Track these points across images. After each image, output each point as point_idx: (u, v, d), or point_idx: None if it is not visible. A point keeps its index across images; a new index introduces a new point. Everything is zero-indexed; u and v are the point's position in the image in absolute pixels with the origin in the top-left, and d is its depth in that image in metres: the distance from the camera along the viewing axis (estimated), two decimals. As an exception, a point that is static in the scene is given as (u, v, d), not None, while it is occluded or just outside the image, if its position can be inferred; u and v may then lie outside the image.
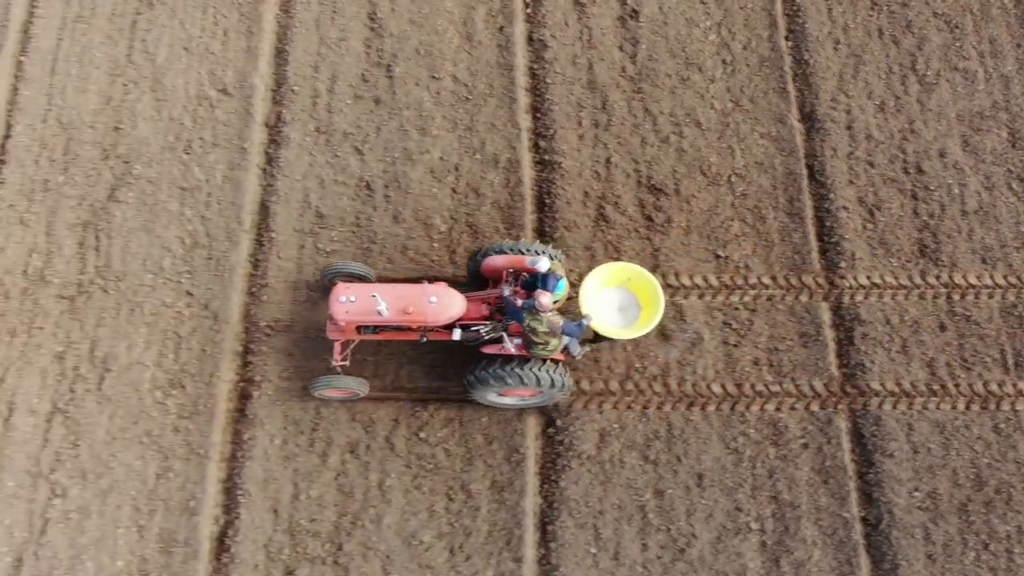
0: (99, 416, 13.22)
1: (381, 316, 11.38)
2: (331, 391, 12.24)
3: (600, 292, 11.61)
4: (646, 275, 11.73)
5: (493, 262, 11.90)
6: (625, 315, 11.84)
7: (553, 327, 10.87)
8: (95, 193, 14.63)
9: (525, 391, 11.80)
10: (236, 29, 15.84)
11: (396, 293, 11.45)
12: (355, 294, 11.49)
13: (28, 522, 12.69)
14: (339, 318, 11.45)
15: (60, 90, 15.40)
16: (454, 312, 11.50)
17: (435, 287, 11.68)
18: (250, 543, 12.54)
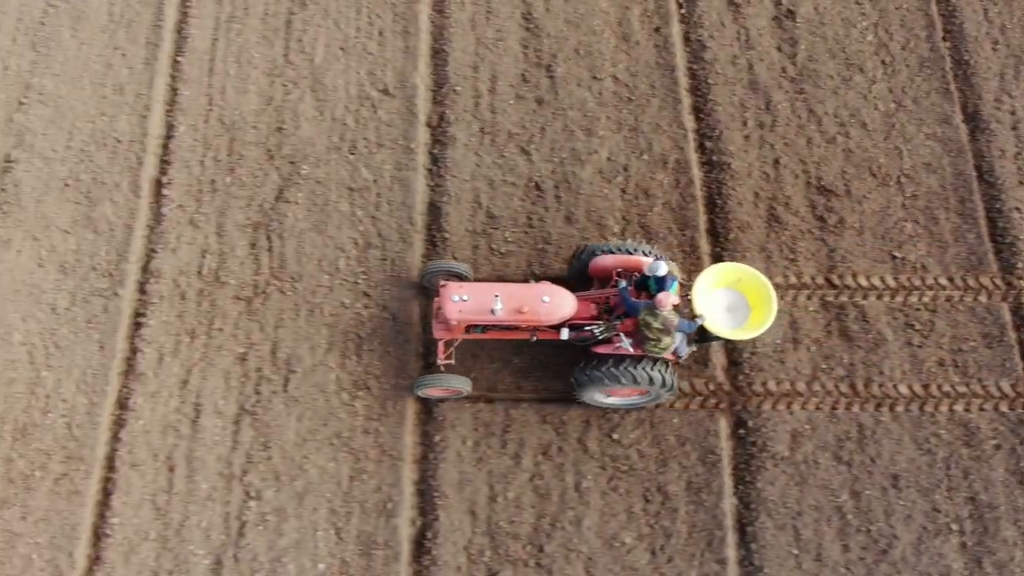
0: (287, 418, 13.24)
1: (494, 315, 11.47)
2: (435, 390, 12.44)
3: (710, 292, 11.79)
4: (758, 276, 11.96)
5: (602, 261, 12.16)
6: (734, 316, 12.14)
7: (668, 324, 11.15)
8: (263, 194, 14.65)
9: (632, 391, 12.09)
10: (392, 29, 15.89)
11: (509, 292, 11.59)
12: (468, 293, 11.55)
13: (224, 525, 12.67)
14: (452, 317, 11.59)
15: (219, 90, 15.42)
16: (565, 312, 11.67)
17: (548, 287, 11.78)
18: (450, 545, 12.58)
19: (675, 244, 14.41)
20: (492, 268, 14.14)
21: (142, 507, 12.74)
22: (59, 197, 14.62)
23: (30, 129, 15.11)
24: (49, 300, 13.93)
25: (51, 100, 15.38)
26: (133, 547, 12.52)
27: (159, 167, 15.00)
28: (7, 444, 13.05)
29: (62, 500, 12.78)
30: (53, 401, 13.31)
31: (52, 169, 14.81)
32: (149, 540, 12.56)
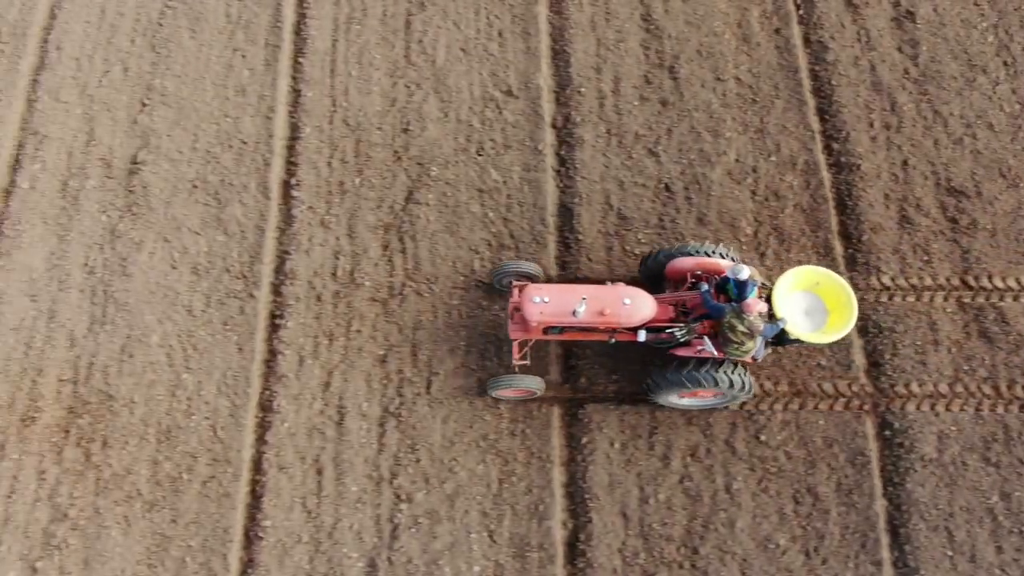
0: (432, 420, 13.31)
1: (576, 317, 11.52)
2: (510, 391, 12.55)
3: (788, 295, 11.86)
4: (837, 279, 11.99)
5: (680, 264, 12.16)
6: (812, 319, 12.18)
7: (754, 329, 11.17)
8: (392, 195, 14.74)
9: (708, 393, 12.19)
10: (511, 30, 15.97)
11: (592, 294, 11.61)
12: (549, 295, 11.60)
13: (376, 527, 12.71)
14: (534, 319, 11.63)
15: (343, 91, 15.49)
16: (645, 314, 11.70)
17: (629, 289, 11.81)
18: (604, 547, 12.66)
19: (809, 246, 14.47)
20: (627, 269, 14.19)
21: (293, 510, 12.74)
22: (188, 199, 14.65)
23: (155, 131, 15.14)
24: (184, 302, 13.95)
25: (173, 101, 15.40)
26: (286, 550, 12.52)
27: (286, 168, 14.86)
28: (152, 446, 13.05)
29: (212, 503, 12.79)
30: (195, 403, 13.31)
31: (179, 171, 14.85)
32: (302, 543, 12.58)
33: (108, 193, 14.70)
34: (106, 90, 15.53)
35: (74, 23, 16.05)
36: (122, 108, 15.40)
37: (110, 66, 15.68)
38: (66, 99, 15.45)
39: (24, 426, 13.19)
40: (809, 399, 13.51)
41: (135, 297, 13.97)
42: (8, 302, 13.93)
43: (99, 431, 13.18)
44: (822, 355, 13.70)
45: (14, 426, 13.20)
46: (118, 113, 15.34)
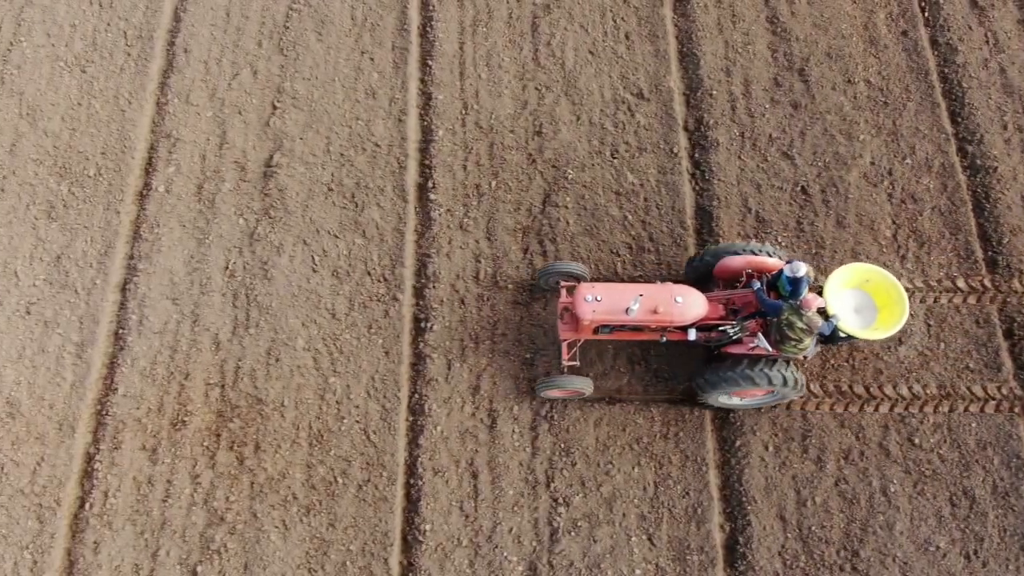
0: (585, 424, 13.42)
1: (629, 316, 11.60)
2: (558, 391, 12.65)
3: (839, 293, 12.09)
4: (887, 277, 12.20)
5: (730, 263, 12.30)
6: (862, 316, 12.41)
7: (812, 325, 11.31)
8: (530, 198, 14.82)
9: (757, 391, 12.29)
10: (638, 33, 16.07)
11: (645, 293, 11.73)
12: (601, 293, 11.69)
13: (535, 531, 12.76)
14: (586, 318, 11.76)
15: (473, 94, 15.60)
16: (696, 312, 11.87)
17: (679, 287, 11.94)
18: (764, 551, 12.71)
19: (948, 249, 14.58)
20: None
21: (451, 513, 12.84)
22: (324, 202, 14.74)
23: (287, 134, 15.24)
24: (327, 305, 14.04)
25: (304, 104, 15.50)
26: (446, 553, 12.60)
27: (420, 171, 14.94)
28: (304, 450, 13.13)
29: (369, 507, 12.88)
30: (345, 407, 13.39)
31: (314, 174, 14.94)
32: (461, 546, 12.66)
33: (244, 196, 14.76)
34: (236, 93, 15.60)
35: (200, 26, 16.12)
36: (253, 111, 15.45)
37: (239, 69, 15.75)
38: (196, 102, 15.53)
39: (175, 430, 13.26)
40: (959, 402, 13.57)
41: (278, 300, 14.02)
42: (151, 306, 14.02)
43: (251, 435, 13.23)
44: (970, 358, 13.79)
45: (165, 430, 13.27)
46: (249, 116, 15.40)
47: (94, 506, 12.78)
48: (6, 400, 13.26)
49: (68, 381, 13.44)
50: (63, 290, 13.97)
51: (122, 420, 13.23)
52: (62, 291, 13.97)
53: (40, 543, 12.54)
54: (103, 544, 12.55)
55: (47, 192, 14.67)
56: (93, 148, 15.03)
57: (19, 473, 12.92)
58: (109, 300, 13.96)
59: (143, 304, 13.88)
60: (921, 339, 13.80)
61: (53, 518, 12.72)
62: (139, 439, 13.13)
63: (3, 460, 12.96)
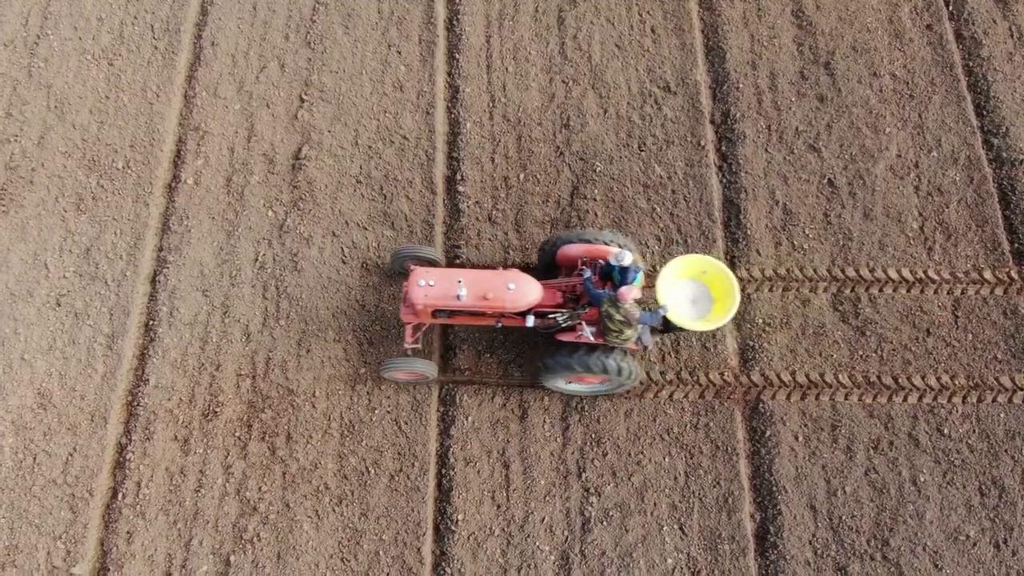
0: (615, 415, 13.51)
1: (460, 301, 11.72)
2: (401, 373, 12.63)
3: (675, 284, 12.29)
4: (722, 269, 12.31)
5: (569, 250, 12.30)
6: (698, 307, 12.58)
7: (630, 317, 11.32)
8: (558, 191, 14.90)
9: (594, 379, 12.31)
10: (664, 27, 16.21)
11: (475, 279, 11.84)
12: (435, 278, 11.82)
13: (567, 520, 12.88)
14: (418, 302, 11.85)
15: (500, 87, 15.73)
16: (531, 299, 11.95)
17: (513, 274, 11.93)
18: (795, 540, 12.82)
19: (975, 241, 14.69)
20: (795, 262, 14.36)
21: (483, 503, 12.95)
22: (353, 194, 14.88)
23: (315, 127, 15.37)
24: (357, 297, 14.21)
25: (332, 97, 15.63)
26: (479, 543, 12.71)
27: (448, 164, 15.07)
28: (336, 440, 13.28)
29: (401, 497, 12.99)
30: (376, 398, 13.54)
31: (342, 166, 15.08)
32: (494, 536, 12.76)
33: (273, 188, 14.90)
34: (264, 86, 15.73)
35: (227, 20, 16.26)
36: (281, 104, 15.59)
37: (266, 62, 15.90)
38: (224, 95, 15.66)
39: (206, 420, 13.39)
40: (987, 392, 13.67)
41: (308, 292, 14.15)
42: (181, 297, 14.14)
43: (282, 425, 13.36)
44: (997, 348, 13.94)
45: (196, 420, 13.40)
46: (277, 109, 15.54)
47: (127, 496, 12.86)
48: (37, 391, 13.38)
49: (99, 372, 13.55)
50: (93, 282, 14.09)
51: (154, 411, 13.34)
52: (92, 283, 14.09)
53: (73, 533, 12.65)
54: (136, 534, 12.66)
55: (76, 184, 14.79)
56: (121, 141, 15.14)
57: (51, 464, 13.03)
58: (139, 292, 14.07)
59: (173, 296, 14.01)
60: (949, 330, 13.92)
61: (86, 508, 12.84)
62: (171, 430, 13.23)
63: (35, 450, 13.03)
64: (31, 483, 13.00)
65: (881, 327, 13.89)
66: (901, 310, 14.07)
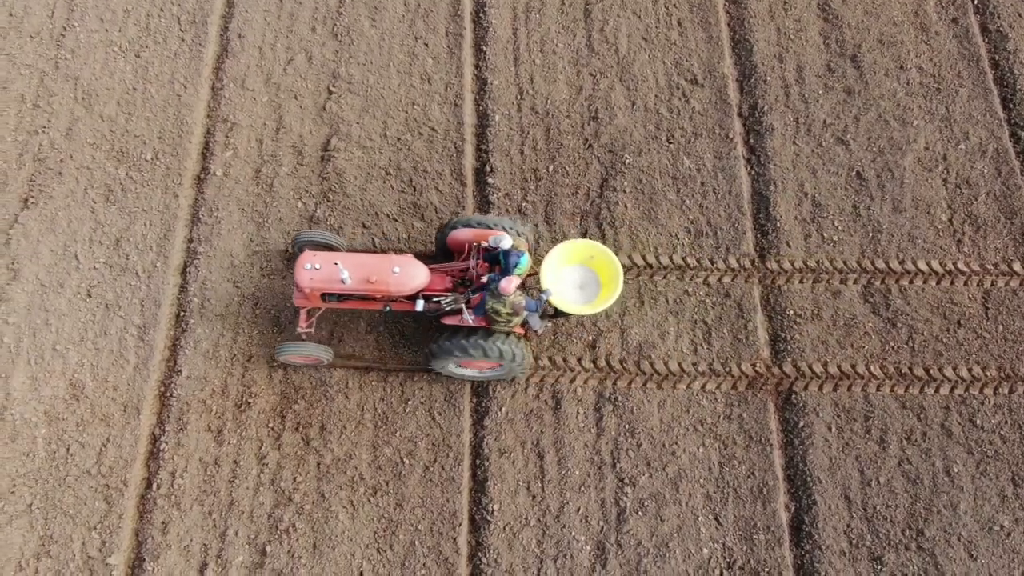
0: (648, 405, 13.56)
1: (344, 284, 11.78)
2: (297, 357, 12.70)
3: (562, 269, 12.43)
4: (608, 254, 12.44)
5: (458, 235, 12.43)
6: (584, 292, 12.69)
7: (516, 307, 11.43)
8: (587, 183, 14.97)
9: (485, 363, 12.38)
10: (690, 19, 16.29)
11: (359, 262, 11.91)
12: (320, 262, 11.88)
13: (602, 511, 12.95)
14: (304, 285, 11.93)
15: (528, 79, 15.79)
16: (417, 283, 12.01)
17: (400, 258, 12.04)
18: (830, 530, 12.90)
19: (1004, 233, 14.75)
20: (825, 254, 14.44)
21: (518, 493, 13.01)
22: (382, 185, 14.92)
23: (343, 118, 15.41)
24: (388, 288, 14.12)
25: (360, 89, 15.67)
26: (515, 533, 12.76)
27: (477, 156, 15.13)
28: (370, 431, 13.35)
29: (436, 487, 13.03)
30: (409, 388, 13.63)
31: (372, 158, 15.12)
32: (529, 526, 12.81)
33: (302, 180, 14.94)
34: (291, 78, 15.77)
35: (253, 12, 16.30)
36: (308, 96, 15.63)
37: (293, 54, 15.93)
38: (252, 87, 15.69)
39: (239, 411, 13.42)
40: (1019, 383, 13.77)
41: (339, 283, 14.10)
42: (212, 288, 14.18)
43: (316, 416, 13.40)
44: (1030, 339, 13.92)
45: (229, 411, 13.43)
46: (305, 101, 15.58)
47: (161, 487, 12.89)
48: (69, 382, 13.41)
49: (131, 363, 13.57)
50: (124, 273, 14.11)
51: (187, 402, 13.36)
52: (123, 274, 14.11)
53: (108, 523, 12.66)
54: (172, 524, 12.67)
55: (104, 176, 14.81)
56: (150, 132, 15.16)
57: (85, 454, 13.04)
58: (170, 283, 14.11)
59: (204, 287, 14.05)
60: (980, 322, 14.01)
61: (120, 499, 12.85)
62: (204, 420, 13.26)
63: (69, 441, 13.05)
64: (65, 473, 12.97)
65: (912, 319, 13.96)
66: (931, 302, 14.13)
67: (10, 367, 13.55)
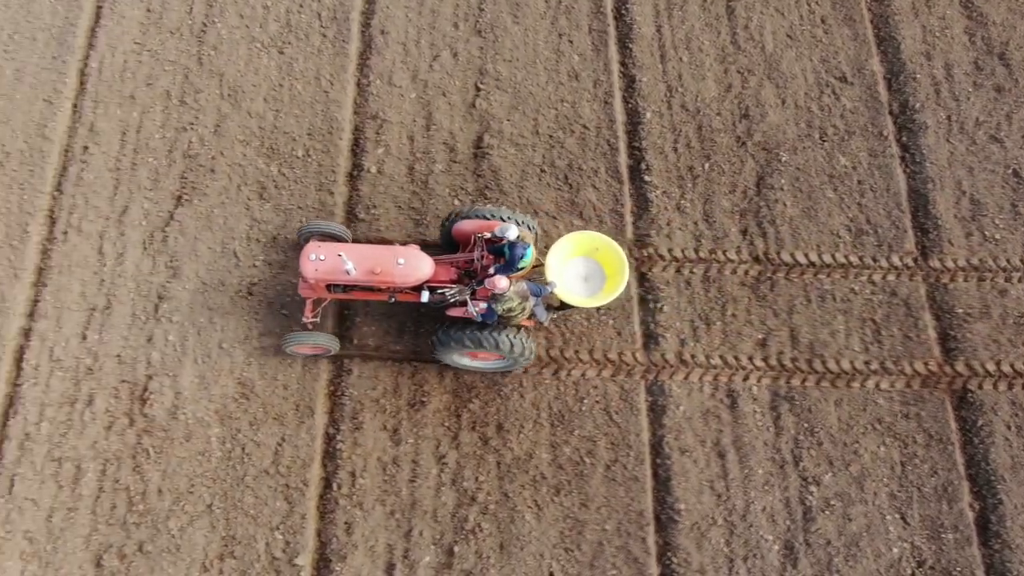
0: (825, 404, 13.60)
1: (349, 275, 11.87)
2: (303, 347, 12.81)
3: (567, 261, 12.41)
4: (613, 246, 12.40)
5: (463, 227, 12.45)
6: (589, 284, 12.61)
7: (522, 294, 11.46)
8: (744, 180, 15.06)
9: (490, 355, 12.43)
10: (834, 17, 16.41)
11: (364, 253, 12.01)
12: (325, 253, 11.95)
13: (787, 510, 12.96)
14: (309, 276, 12.02)
15: (676, 77, 15.86)
16: (422, 274, 12.06)
17: (405, 249, 12.10)
18: (1018, 529, 13.07)
19: None
20: (988, 252, 14.55)
21: (702, 493, 13.02)
22: (538, 183, 14.95)
23: (493, 115, 15.43)
24: (553, 286, 14.12)
25: (508, 86, 15.70)
26: (703, 533, 12.78)
27: (630, 153, 15.17)
28: (547, 430, 13.34)
29: (620, 487, 13.06)
30: (584, 387, 13.92)
31: (525, 155, 15.13)
32: (717, 525, 12.81)
33: (457, 177, 14.93)
34: (438, 74, 15.77)
35: (394, 8, 16.31)
36: (456, 92, 15.64)
37: (438, 51, 15.93)
38: (399, 83, 15.69)
39: (413, 410, 13.39)
40: None
41: (503, 281, 14.06)
42: (375, 286, 14.05)
43: (491, 415, 13.38)
44: None
45: (403, 410, 13.40)
46: (453, 97, 15.59)
47: (342, 487, 12.83)
48: (238, 380, 13.38)
49: (299, 361, 13.52)
50: (283, 271, 14.02)
51: (359, 401, 13.33)
52: (282, 272, 14.03)
53: (291, 524, 12.60)
54: (355, 525, 12.63)
55: (257, 173, 14.77)
56: (299, 129, 15.11)
57: (261, 454, 13.00)
58: (331, 281, 13.98)
59: (373, 283, 13.94)
60: None
61: (302, 499, 12.74)
62: (379, 420, 13.23)
63: (244, 440, 13.00)
64: (242, 473, 12.89)
65: (1081, 316, 14.03)
66: (1099, 300, 14.19)
67: (178, 366, 13.42)
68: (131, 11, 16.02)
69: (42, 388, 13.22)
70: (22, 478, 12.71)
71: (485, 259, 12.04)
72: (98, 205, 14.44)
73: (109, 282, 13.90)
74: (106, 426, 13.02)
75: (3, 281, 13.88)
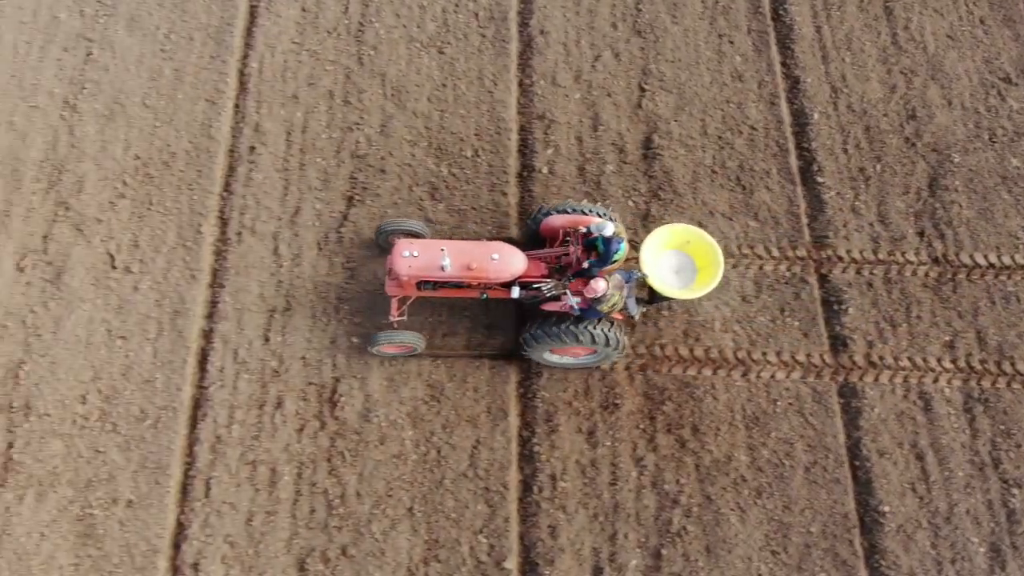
0: (1019, 406, 13.69)
1: (444, 271, 11.81)
2: (390, 347, 12.71)
3: (659, 254, 12.48)
4: (706, 238, 12.42)
5: (552, 222, 12.45)
6: (681, 277, 12.67)
7: (617, 285, 11.52)
8: (916, 182, 15.17)
9: (580, 350, 12.42)
10: (992, 17, 16.67)
11: (459, 249, 11.91)
12: (418, 249, 11.87)
13: (990, 512, 13.10)
14: (402, 273, 11.91)
15: (839, 77, 15.96)
16: (515, 269, 12.00)
17: (497, 244, 12.02)
18: None
19: None
20: None
21: (905, 495, 13.04)
22: (711, 184, 14.99)
23: (660, 116, 15.48)
24: (736, 287, 14.38)
25: (672, 87, 15.76)
26: (909, 535, 12.79)
27: (799, 154, 15.26)
28: (743, 433, 13.45)
29: (821, 489, 13.17)
30: (775, 389, 13.94)
31: (696, 156, 15.18)
32: (922, 528, 12.81)
33: (629, 178, 14.97)
34: (601, 75, 15.81)
35: (552, 8, 16.37)
36: (621, 93, 15.68)
37: (599, 51, 15.96)
38: (563, 84, 15.72)
39: (607, 413, 13.39)
40: None
41: (685, 282, 14.08)
42: (556, 287, 14.03)
43: (686, 417, 13.38)
44: None
45: (597, 413, 13.39)
46: (618, 98, 15.63)
47: (543, 490, 12.80)
48: (427, 383, 13.33)
49: (487, 364, 13.49)
50: (462, 272, 13.96)
51: (552, 403, 13.30)
52: (463, 272, 13.96)
53: (494, 527, 12.57)
54: (560, 528, 12.60)
55: (427, 173, 14.77)
56: (466, 129, 15.12)
57: (457, 457, 12.95)
58: (510, 282, 13.97)
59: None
60: None
61: (503, 502, 12.70)
62: (573, 422, 13.20)
63: (438, 443, 12.98)
64: (440, 476, 12.86)
65: None
66: None
67: (365, 368, 13.37)
68: (287, 11, 16.00)
69: (229, 390, 13.14)
70: (218, 481, 12.61)
71: (581, 254, 11.81)
72: (269, 206, 14.38)
73: (287, 283, 13.85)
74: (297, 429, 12.96)
75: (180, 282, 13.80)
